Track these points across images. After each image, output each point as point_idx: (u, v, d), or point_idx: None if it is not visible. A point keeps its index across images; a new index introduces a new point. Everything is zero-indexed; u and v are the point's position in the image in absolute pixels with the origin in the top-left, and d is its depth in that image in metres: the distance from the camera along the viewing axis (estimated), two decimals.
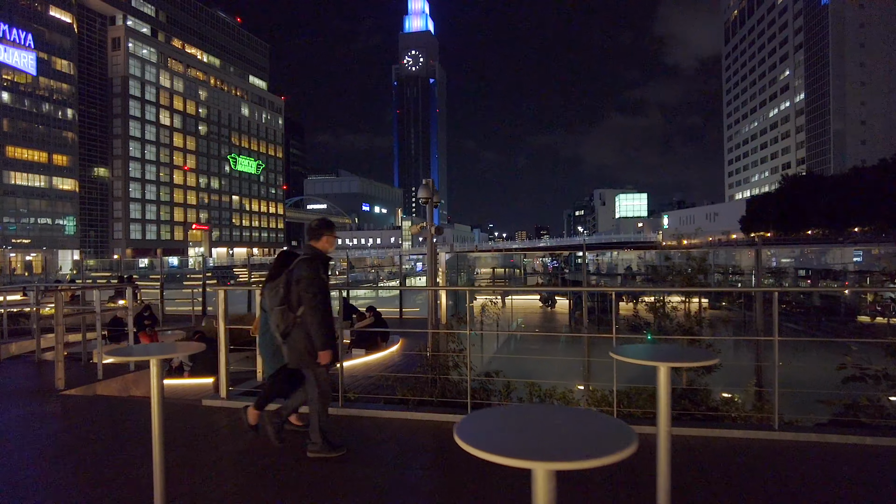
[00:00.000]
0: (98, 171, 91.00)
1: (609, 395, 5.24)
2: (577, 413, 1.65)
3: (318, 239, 4.12)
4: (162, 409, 2.78)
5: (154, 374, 2.71)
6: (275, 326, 4.01)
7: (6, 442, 4.70)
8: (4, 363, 8.37)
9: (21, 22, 75.19)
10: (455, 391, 5.44)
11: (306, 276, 3.93)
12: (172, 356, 2.81)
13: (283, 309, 3.95)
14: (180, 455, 4.15)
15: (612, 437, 1.43)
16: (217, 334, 5.60)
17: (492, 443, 1.39)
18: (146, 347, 3.00)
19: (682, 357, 2.63)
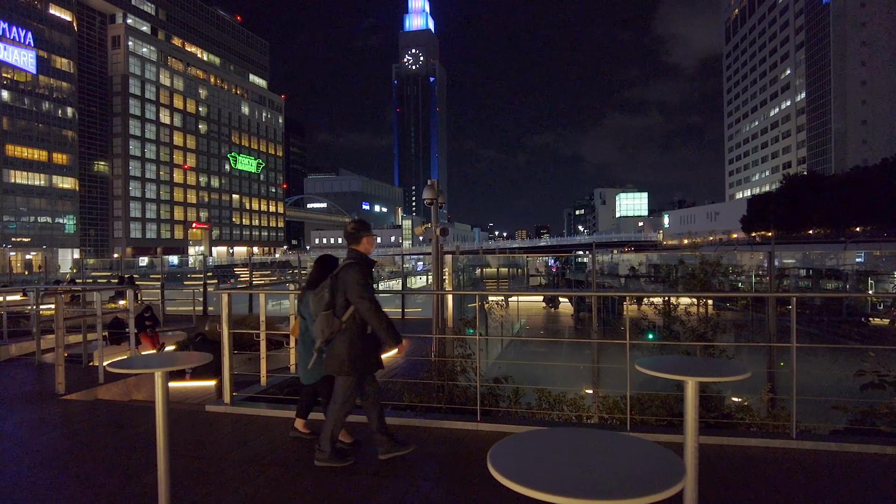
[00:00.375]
0: (98, 164, 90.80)
1: (621, 402, 5.14)
2: (619, 440, 1.54)
3: (359, 242, 4.06)
4: (167, 422, 2.67)
5: (159, 385, 2.60)
6: (319, 332, 3.91)
7: (6, 450, 4.60)
8: (4, 365, 8.27)
9: (21, 20, 75.02)
10: (463, 397, 5.33)
11: (354, 280, 3.85)
12: (178, 368, 2.71)
13: (329, 314, 3.88)
14: (185, 464, 4.05)
15: (659, 471, 1.32)
16: (220, 337, 5.49)
17: (529, 475, 1.28)
18: (150, 359, 2.89)
19: (710, 371, 2.53)
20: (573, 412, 5.27)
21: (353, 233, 4.07)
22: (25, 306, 14.00)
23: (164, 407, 2.63)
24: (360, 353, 3.94)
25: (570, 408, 5.37)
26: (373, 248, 4.13)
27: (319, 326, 3.89)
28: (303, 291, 4.40)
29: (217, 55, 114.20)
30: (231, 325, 5.51)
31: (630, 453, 1.44)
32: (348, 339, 3.89)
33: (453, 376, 5.56)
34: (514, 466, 1.32)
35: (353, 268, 3.91)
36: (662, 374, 2.44)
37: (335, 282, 3.92)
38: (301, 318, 4.48)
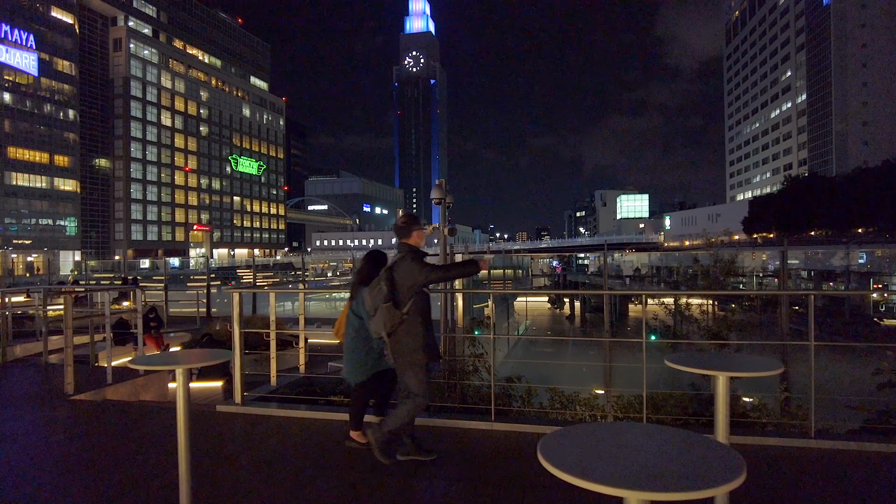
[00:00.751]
0: (99, 162, 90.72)
1: (636, 401, 5.10)
2: (671, 434, 1.50)
3: (409, 235, 4.01)
4: (188, 421, 2.64)
5: (180, 382, 2.57)
6: (381, 325, 3.84)
7: (19, 450, 4.57)
8: (11, 367, 8.23)
9: (23, 23, 75.14)
10: (476, 396, 5.30)
11: (417, 267, 3.83)
12: (201, 364, 2.67)
13: (389, 306, 3.80)
14: (199, 464, 4.01)
15: (716, 464, 1.28)
16: (231, 337, 5.45)
17: (580, 466, 1.24)
18: (171, 356, 2.86)
19: (741, 366, 2.49)
20: (587, 411, 5.23)
21: (404, 227, 4.04)
22: (29, 308, 13.98)
23: (185, 405, 2.60)
24: (428, 342, 3.90)
25: (583, 407, 5.33)
26: (423, 243, 4.07)
27: (380, 319, 3.83)
28: (354, 289, 4.33)
29: (218, 57, 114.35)
30: (241, 325, 5.47)
31: (682, 447, 1.40)
32: (412, 330, 3.85)
33: (465, 376, 5.52)
34: (569, 460, 1.28)
35: (410, 258, 3.88)
36: (692, 368, 2.41)
37: (392, 274, 3.87)
38: (355, 316, 4.31)
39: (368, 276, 4.18)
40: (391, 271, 3.89)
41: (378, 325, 3.86)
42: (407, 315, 3.84)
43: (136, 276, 23.09)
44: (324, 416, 5.10)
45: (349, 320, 4.35)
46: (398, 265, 3.89)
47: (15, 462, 4.28)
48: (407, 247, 3.99)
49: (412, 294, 3.87)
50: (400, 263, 3.89)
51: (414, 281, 3.83)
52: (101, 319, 7.63)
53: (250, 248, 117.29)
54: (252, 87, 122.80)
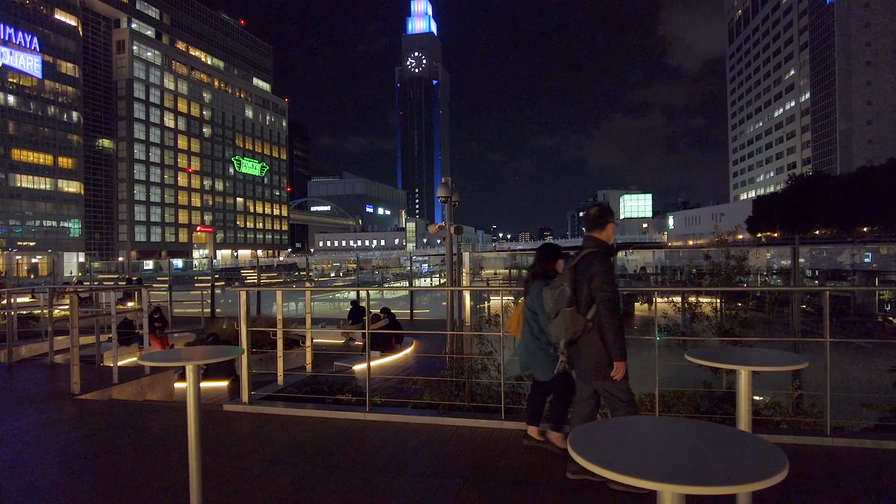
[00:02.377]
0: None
1: (647, 399, 5.04)
2: (706, 428, 1.44)
3: (603, 228, 3.59)
4: (199, 418, 2.60)
5: (191, 380, 2.53)
6: (561, 331, 3.48)
7: (27, 448, 4.54)
8: (17, 367, 8.22)
9: (27, 25, 75.45)
10: (486, 395, 5.25)
11: (600, 273, 3.42)
12: (211, 361, 2.63)
13: (573, 311, 3.43)
14: (208, 463, 3.97)
15: (756, 459, 1.22)
16: (237, 337, 5.42)
17: (612, 459, 1.22)
18: (182, 353, 2.82)
19: (763, 360, 2.44)
20: None
21: (597, 218, 3.62)
22: (34, 308, 13.99)
23: (195, 401, 2.56)
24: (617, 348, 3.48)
25: None
26: (613, 238, 3.65)
27: (562, 325, 3.47)
28: (527, 284, 4.04)
29: (221, 59, 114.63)
30: (249, 324, 5.43)
31: (718, 441, 1.35)
32: (597, 341, 3.45)
33: (474, 374, 5.47)
34: (600, 453, 1.22)
35: (597, 257, 3.48)
36: (714, 363, 2.36)
37: (575, 274, 3.50)
38: (530, 312, 4.03)
39: (542, 270, 3.93)
40: (574, 270, 3.51)
41: (559, 329, 3.50)
42: (591, 322, 3.46)
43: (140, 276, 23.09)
44: (333, 415, 5.06)
45: (525, 316, 4.07)
46: (584, 264, 3.48)
47: (23, 460, 4.25)
48: (595, 241, 3.57)
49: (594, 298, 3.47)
50: (585, 262, 3.48)
51: (592, 282, 3.43)
52: (107, 319, 7.61)
53: (253, 249, 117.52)
54: (254, 89, 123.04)
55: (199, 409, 2.59)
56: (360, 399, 5.41)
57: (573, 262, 3.53)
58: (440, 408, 5.01)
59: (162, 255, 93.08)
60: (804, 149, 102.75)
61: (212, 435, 4.70)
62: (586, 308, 3.44)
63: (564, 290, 3.46)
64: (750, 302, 15.60)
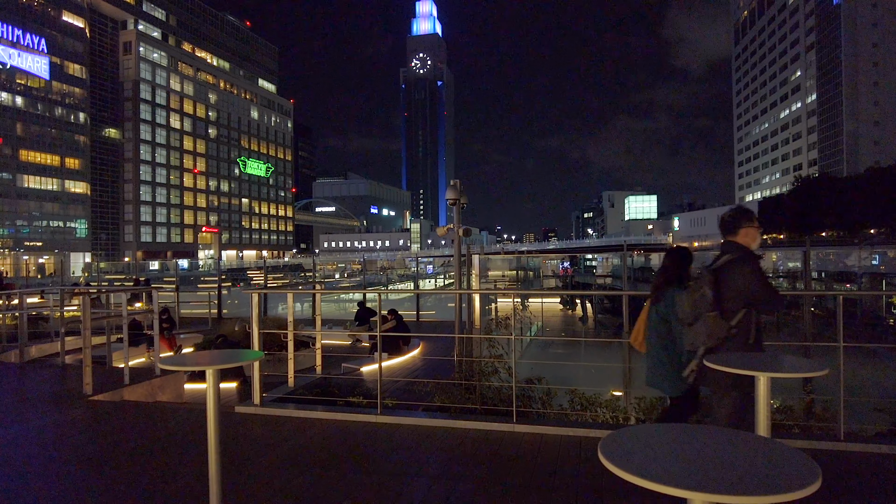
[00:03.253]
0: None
1: (659, 403, 5.04)
2: (735, 437, 1.45)
3: (735, 232, 3.39)
4: (218, 420, 2.62)
5: (210, 383, 2.55)
6: (703, 337, 3.27)
7: (42, 450, 4.57)
8: (28, 367, 8.28)
9: (34, 27, 75.96)
10: (497, 398, 5.25)
11: (755, 277, 3.22)
12: (232, 365, 2.65)
13: (716, 316, 3.23)
14: (222, 465, 3.99)
15: (788, 469, 1.22)
16: (249, 338, 5.44)
17: (641, 466, 1.21)
18: (203, 356, 2.84)
19: (782, 367, 2.44)
20: (608, 413, 5.18)
21: (731, 221, 3.41)
22: (43, 309, 14.05)
23: (215, 405, 2.58)
24: None
25: (604, 409, 5.28)
26: (754, 244, 3.39)
27: (703, 331, 3.26)
28: (658, 290, 3.81)
29: (226, 60, 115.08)
30: (260, 326, 5.45)
31: (748, 450, 1.35)
32: (739, 349, 3.24)
33: (485, 377, 5.47)
34: (630, 460, 1.22)
35: (746, 262, 3.29)
36: (733, 369, 2.36)
37: (716, 278, 3.30)
38: (661, 321, 3.79)
39: (677, 276, 3.73)
40: (715, 273, 3.32)
41: (698, 336, 3.29)
42: (735, 329, 3.25)
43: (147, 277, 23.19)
44: (344, 417, 5.07)
45: (653, 325, 3.83)
46: (728, 268, 3.30)
47: (40, 461, 4.29)
48: (735, 246, 3.37)
49: (743, 304, 3.28)
50: (731, 267, 3.30)
51: (749, 290, 3.23)
52: (117, 320, 7.65)
53: (258, 250, 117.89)
54: (260, 90, 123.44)
55: (219, 411, 2.61)
56: (371, 401, 5.43)
57: (715, 265, 3.37)
58: (451, 410, 5.01)
59: (167, 255, 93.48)
60: (810, 150, 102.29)
61: (225, 437, 4.72)
62: (731, 314, 3.27)
63: (705, 293, 3.27)
64: None
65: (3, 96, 73.41)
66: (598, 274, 26.61)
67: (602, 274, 26.09)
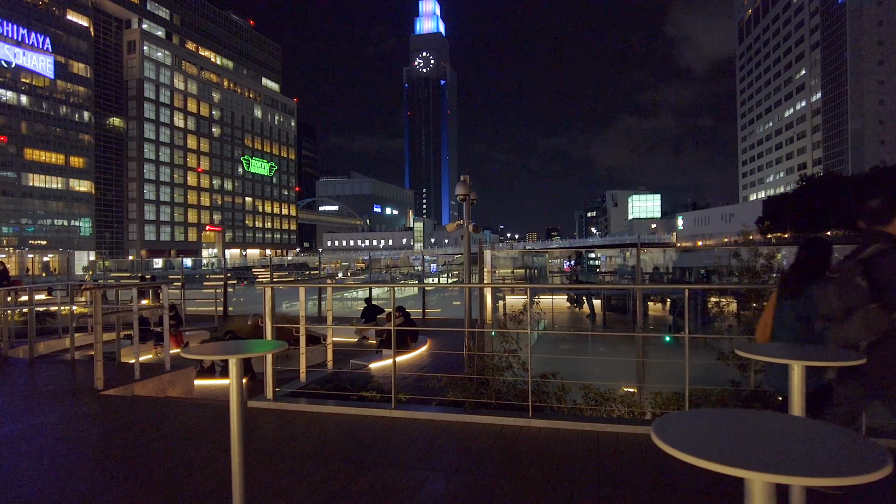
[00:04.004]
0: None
1: (674, 398, 4.99)
2: (792, 421, 1.41)
3: (889, 222, 3.13)
4: (242, 412, 2.58)
5: (233, 374, 2.52)
6: (861, 332, 2.93)
7: (55, 444, 4.55)
8: (38, 363, 8.27)
9: (39, 26, 76.17)
10: (511, 393, 5.21)
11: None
12: (255, 355, 2.62)
13: (877, 308, 2.89)
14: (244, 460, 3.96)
15: (852, 454, 1.20)
16: (262, 333, 5.41)
17: (699, 447, 1.20)
18: (224, 345, 2.81)
19: (818, 355, 2.39)
20: (625, 408, 5.13)
21: (882, 210, 3.17)
22: (50, 306, 14.07)
23: (238, 397, 2.54)
24: None
25: (619, 404, 5.23)
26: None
27: (861, 325, 2.93)
28: (792, 285, 3.49)
29: (230, 59, 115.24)
30: (263, 321, 5.42)
31: (806, 434, 1.31)
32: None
33: (498, 371, 5.43)
34: (686, 441, 1.20)
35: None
36: (767, 357, 2.32)
37: (870, 268, 3.00)
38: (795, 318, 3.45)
39: (818, 268, 3.40)
40: (864, 264, 3.03)
41: (855, 331, 2.96)
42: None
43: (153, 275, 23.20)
44: (358, 411, 5.04)
45: (786, 322, 3.49)
46: (882, 258, 3.01)
47: (54, 454, 4.27)
48: (886, 236, 3.09)
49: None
50: (886, 256, 3.01)
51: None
52: (128, 316, 7.64)
53: (262, 249, 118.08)
54: (264, 89, 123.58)
55: (243, 404, 2.58)
56: (385, 396, 5.40)
57: (865, 255, 3.07)
58: (466, 405, 4.97)
59: (171, 254, 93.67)
60: (815, 149, 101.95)
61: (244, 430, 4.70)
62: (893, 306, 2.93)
63: (860, 283, 2.99)
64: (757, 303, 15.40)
65: (8, 95, 73.65)
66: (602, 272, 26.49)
67: (608, 271, 25.96)
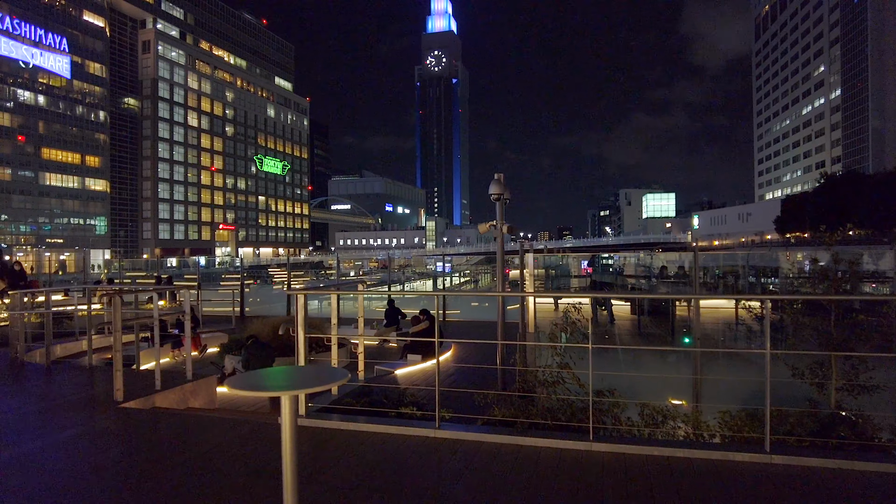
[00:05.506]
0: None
1: (746, 421, 4.51)
2: None
3: None
4: (295, 447, 2.18)
5: (287, 410, 2.11)
6: None
7: (75, 465, 4.19)
8: (54, 368, 7.96)
9: (56, 27, 76.77)
10: (567, 412, 4.76)
11: None
12: (318, 390, 2.20)
13: None
14: (268, 487, 3.57)
15: None
16: (296, 341, 5.02)
17: None
18: (281, 376, 2.40)
19: None
20: (689, 428, 4.67)
21: None
22: (67, 306, 13.85)
23: (292, 433, 2.14)
24: None
25: (683, 424, 4.77)
26: None
27: None
28: None
29: (243, 58, 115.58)
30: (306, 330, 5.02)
31: None
32: None
33: (549, 386, 4.98)
34: None
35: None
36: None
37: None
38: None
39: None
40: None
41: None
42: None
43: (169, 275, 23.01)
44: (399, 430, 4.63)
45: None
46: None
47: (72, 476, 3.91)
48: None
49: None
50: None
51: None
52: (147, 320, 7.31)
53: (275, 248, 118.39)
54: (276, 88, 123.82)
55: (296, 438, 2.17)
56: (426, 413, 4.98)
57: None
58: (517, 425, 4.55)
59: (185, 252, 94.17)
60: (834, 147, 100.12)
61: (270, 452, 4.30)
62: None
63: None
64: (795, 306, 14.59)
65: (25, 95, 74.31)
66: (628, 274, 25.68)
67: (633, 274, 25.11)
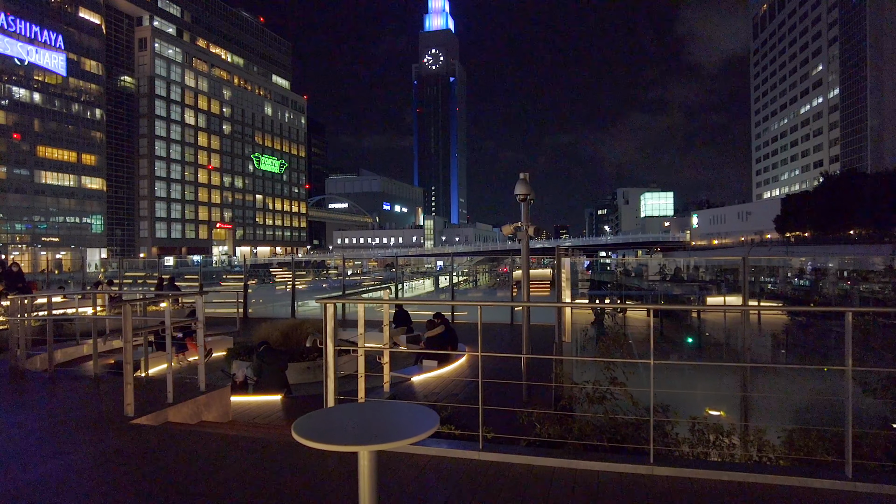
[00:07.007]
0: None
1: (820, 444, 4.15)
2: None
3: None
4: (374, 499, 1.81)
5: (365, 468, 1.74)
6: None
7: (94, 487, 3.81)
8: (58, 376, 7.56)
9: (52, 24, 75.98)
10: (618, 431, 4.39)
11: None
12: (392, 447, 1.83)
13: None
14: None
15: None
16: (324, 354, 4.65)
17: None
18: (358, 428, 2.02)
19: None
20: (755, 451, 4.31)
21: None
22: (65, 309, 13.43)
23: (370, 492, 1.77)
24: None
25: (744, 443, 4.41)
26: None
27: None
28: None
29: (241, 56, 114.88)
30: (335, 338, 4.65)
31: None
32: None
33: (597, 402, 4.60)
34: None
35: None
36: None
37: None
38: None
39: None
40: None
41: None
42: None
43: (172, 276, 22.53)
44: (439, 452, 4.23)
45: None
46: None
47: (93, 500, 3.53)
48: None
49: None
50: None
51: None
52: (158, 328, 6.92)
53: (272, 246, 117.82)
54: (274, 86, 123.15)
55: (375, 494, 1.81)
56: (465, 433, 4.60)
57: None
58: (567, 447, 4.18)
59: (182, 251, 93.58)
60: (832, 146, 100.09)
61: (299, 479, 3.92)
62: None
63: None
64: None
65: (21, 93, 73.53)
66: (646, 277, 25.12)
67: (652, 278, 24.50)
